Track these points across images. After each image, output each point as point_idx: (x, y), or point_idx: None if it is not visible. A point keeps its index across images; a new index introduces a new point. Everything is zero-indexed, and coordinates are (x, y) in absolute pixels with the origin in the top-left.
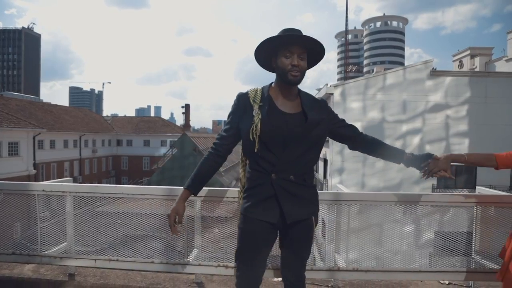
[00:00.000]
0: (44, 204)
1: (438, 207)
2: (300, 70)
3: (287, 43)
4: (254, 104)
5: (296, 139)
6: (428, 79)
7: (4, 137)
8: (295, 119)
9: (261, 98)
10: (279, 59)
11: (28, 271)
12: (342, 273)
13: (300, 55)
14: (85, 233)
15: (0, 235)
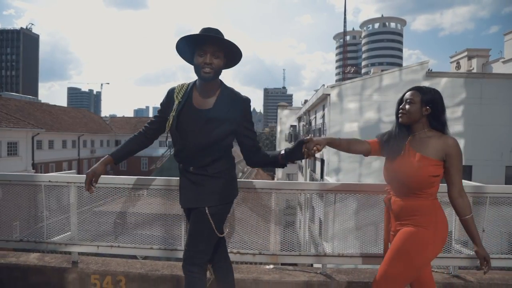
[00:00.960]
0: (50, 194)
1: None
2: (213, 68)
3: (202, 42)
4: (176, 99)
5: (198, 133)
6: (424, 80)
7: (3, 137)
8: (203, 115)
9: (183, 93)
10: (195, 57)
11: (34, 259)
12: (329, 258)
13: (214, 53)
14: (88, 222)
15: (9, 223)
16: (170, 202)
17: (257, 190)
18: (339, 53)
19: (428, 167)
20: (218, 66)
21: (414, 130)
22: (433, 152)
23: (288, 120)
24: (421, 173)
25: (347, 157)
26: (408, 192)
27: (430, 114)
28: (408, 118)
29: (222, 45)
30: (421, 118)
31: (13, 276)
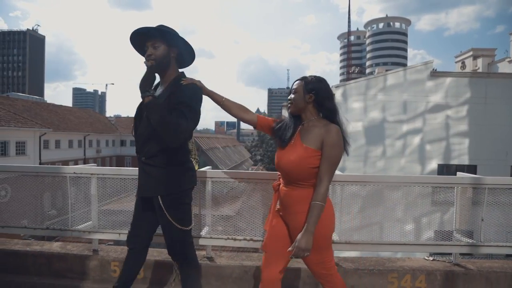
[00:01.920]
0: (74, 185)
1: (421, 187)
2: (154, 58)
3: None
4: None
5: (143, 123)
6: (429, 79)
7: (12, 136)
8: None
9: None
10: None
11: (57, 247)
12: (336, 245)
13: (154, 45)
14: (109, 211)
15: (36, 213)
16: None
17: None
18: (343, 53)
19: (309, 158)
20: (159, 56)
21: (303, 119)
22: (314, 142)
23: None
24: (301, 165)
25: (351, 157)
26: (291, 181)
27: (315, 101)
28: (294, 107)
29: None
30: (306, 106)
31: (38, 262)
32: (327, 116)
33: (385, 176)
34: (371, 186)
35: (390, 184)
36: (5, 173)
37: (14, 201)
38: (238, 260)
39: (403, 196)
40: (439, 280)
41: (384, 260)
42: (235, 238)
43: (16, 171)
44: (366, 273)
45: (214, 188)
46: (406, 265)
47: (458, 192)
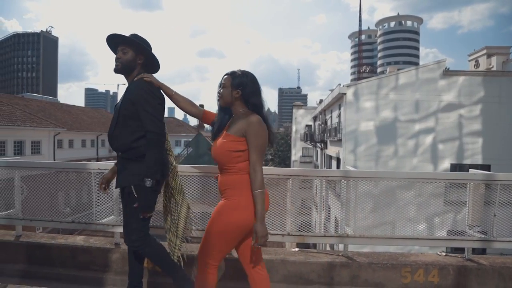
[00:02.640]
0: (98, 180)
1: (434, 184)
2: (121, 62)
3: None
4: None
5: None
6: (441, 78)
7: (28, 136)
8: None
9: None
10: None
11: (80, 240)
12: (351, 239)
13: (123, 50)
14: None
15: (62, 207)
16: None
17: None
18: (354, 52)
19: (227, 143)
20: (126, 60)
21: (233, 112)
22: (235, 130)
23: (304, 120)
24: (221, 149)
25: (363, 156)
26: (220, 167)
27: (242, 96)
28: (223, 101)
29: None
30: (234, 100)
31: (63, 255)
32: (253, 110)
33: (398, 172)
34: (385, 182)
35: (404, 180)
36: (37, 169)
37: (41, 196)
38: None
39: (416, 193)
40: (452, 275)
41: (397, 255)
42: None
43: (47, 167)
44: (379, 267)
45: None
46: (419, 260)
47: (471, 188)
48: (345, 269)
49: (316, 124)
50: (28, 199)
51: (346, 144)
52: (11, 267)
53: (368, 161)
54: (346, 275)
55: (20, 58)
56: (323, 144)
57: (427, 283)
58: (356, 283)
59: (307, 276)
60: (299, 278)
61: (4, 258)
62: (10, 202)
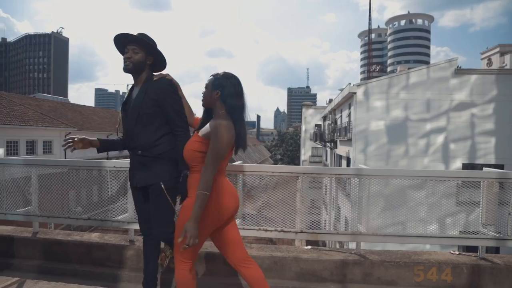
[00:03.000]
0: (114, 178)
1: (448, 182)
2: (132, 61)
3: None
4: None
5: (129, 119)
6: (453, 77)
7: (40, 136)
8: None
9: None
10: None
11: (95, 237)
12: (364, 237)
13: (134, 50)
14: None
15: (78, 204)
16: None
17: (292, 175)
18: (364, 51)
19: (193, 142)
20: (137, 60)
21: (213, 113)
22: (203, 131)
23: (313, 119)
24: (187, 147)
25: (373, 156)
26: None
27: (221, 97)
28: (205, 101)
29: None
30: (214, 101)
31: (79, 251)
32: (229, 112)
33: (411, 170)
34: (398, 180)
35: (416, 178)
36: (53, 167)
37: (57, 193)
38: (268, 251)
39: (429, 192)
40: (465, 273)
41: (410, 253)
42: (267, 229)
43: (63, 165)
44: (392, 265)
45: (245, 181)
46: (432, 258)
47: (485, 186)
48: (357, 267)
49: (325, 124)
50: (45, 197)
51: (356, 144)
52: (29, 263)
53: (378, 161)
54: (358, 273)
55: (32, 59)
56: (332, 143)
57: (440, 282)
58: (368, 281)
59: (320, 274)
60: (311, 275)
61: (22, 254)
62: (27, 199)
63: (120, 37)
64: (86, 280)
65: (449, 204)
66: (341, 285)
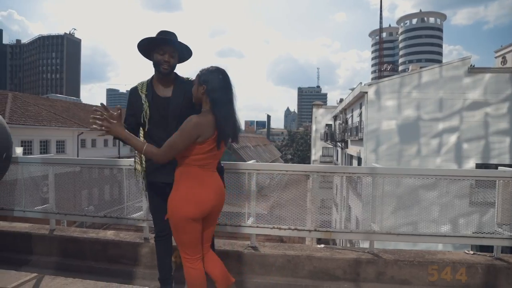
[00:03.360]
0: (129, 176)
1: (462, 181)
2: (170, 65)
3: (162, 43)
4: (141, 94)
5: (170, 117)
6: (466, 76)
7: (53, 135)
8: (168, 102)
9: (146, 88)
10: (155, 55)
11: (111, 235)
12: (377, 235)
13: (171, 53)
14: None
15: (94, 202)
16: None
17: (306, 174)
18: (374, 50)
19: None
20: (174, 64)
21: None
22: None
23: (324, 119)
24: None
25: (384, 155)
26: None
27: (206, 92)
28: (194, 98)
29: (177, 47)
30: (201, 97)
31: (94, 249)
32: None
33: (426, 169)
34: (411, 179)
35: (430, 177)
36: (69, 166)
37: (74, 191)
38: (281, 249)
39: (442, 191)
40: (480, 273)
41: (424, 253)
42: (280, 227)
43: (79, 164)
44: (406, 264)
45: (259, 179)
46: (447, 258)
47: (500, 186)
48: (371, 265)
49: (336, 123)
50: (61, 195)
51: (367, 143)
52: (46, 259)
53: (390, 161)
54: (372, 272)
55: (45, 60)
56: (343, 143)
57: (455, 282)
58: (382, 279)
59: (333, 272)
60: (325, 274)
61: (40, 250)
62: (44, 197)
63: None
64: (102, 277)
65: (463, 204)
66: (354, 284)
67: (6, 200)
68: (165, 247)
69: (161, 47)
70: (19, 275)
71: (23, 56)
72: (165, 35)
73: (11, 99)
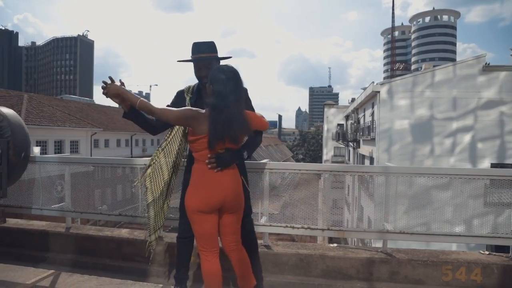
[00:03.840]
0: None
1: (473, 180)
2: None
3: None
4: (186, 96)
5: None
6: (480, 74)
7: (67, 136)
8: None
9: (192, 91)
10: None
11: (125, 233)
12: (391, 235)
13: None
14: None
15: (108, 201)
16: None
17: (320, 173)
18: (387, 49)
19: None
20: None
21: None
22: None
23: (335, 119)
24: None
25: (397, 155)
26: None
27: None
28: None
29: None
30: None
31: (109, 247)
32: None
33: (439, 168)
34: (424, 178)
35: (444, 176)
36: (84, 165)
37: (89, 190)
38: (294, 248)
39: (457, 191)
40: (496, 274)
41: (438, 253)
42: (293, 226)
43: (96, 163)
44: (419, 264)
45: (271, 178)
46: (461, 258)
47: None
48: (384, 265)
49: (348, 123)
50: (77, 194)
51: (379, 143)
52: (62, 257)
53: (403, 160)
54: (385, 271)
55: (59, 61)
56: (355, 143)
57: (469, 282)
58: (395, 279)
59: (346, 272)
60: (337, 273)
61: (56, 248)
62: (61, 196)
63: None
64: (117, 274)
65: (478, 205)
66: (367, 283)
67: (24, 198)
68: (187, 248)
69: (196, 64)
70: (37, 271)
71: (38, 57)
72: (198, 49)
73: (26, 100)
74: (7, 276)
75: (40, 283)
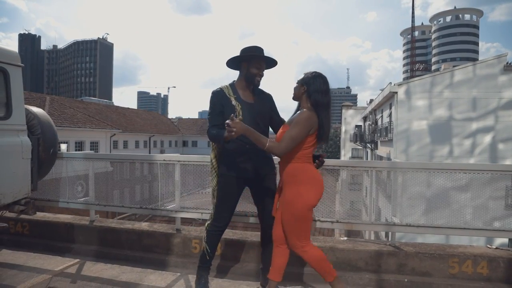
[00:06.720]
0: (163, 170)
1: (481, 175)
2: (262, 77)
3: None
4: (230, 96)
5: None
6: (502, 74)
7: (87, 137)
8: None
9: (233, 92)
10: (252, 67)
11: (145, 226)
12: (398, 227)
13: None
14: (190, 195)
15: (131, 194)
16: None
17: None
18: (406, 49)
19: (280, 134)
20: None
21: (300, 106)
22: (289, 121)
23: (353, 120)
24: (277, 137)
25: (415, 156)
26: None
27: (306, 92)
28: (294, 96)
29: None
30: (301, 95)
31: (130, 238)
32: (314, 107)
33: (458, 164)
34: (435, 174)
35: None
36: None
37: (115, 184)
38: None
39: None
40: (502, 267)
41: (445, 246)
42: None
43: (118, 159)
44: (427, 257)
45: None
46: (468, 251)
47: None
48: (392, 257)
49: (366, 124)
50: (99, 188)
51: (397, 144)
52: (86, 247)
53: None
54: (393, 264)
55: (79, 64)
56: (373, 144)
57: (476, 274)
58: (403, 271)
59: (355, 264)
60: (347, 265)
61: (81, 239)
62: (85, 190)
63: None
64: (137, 264)
65: (489, 199)
66: (375, 275)
67: (52, 192)
68: (218, 239)
69: (259, 62)
70: (64, 260)
71: (59, 60)
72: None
73: (49, 102)
74: (37, 264)
75: (67, 270)
